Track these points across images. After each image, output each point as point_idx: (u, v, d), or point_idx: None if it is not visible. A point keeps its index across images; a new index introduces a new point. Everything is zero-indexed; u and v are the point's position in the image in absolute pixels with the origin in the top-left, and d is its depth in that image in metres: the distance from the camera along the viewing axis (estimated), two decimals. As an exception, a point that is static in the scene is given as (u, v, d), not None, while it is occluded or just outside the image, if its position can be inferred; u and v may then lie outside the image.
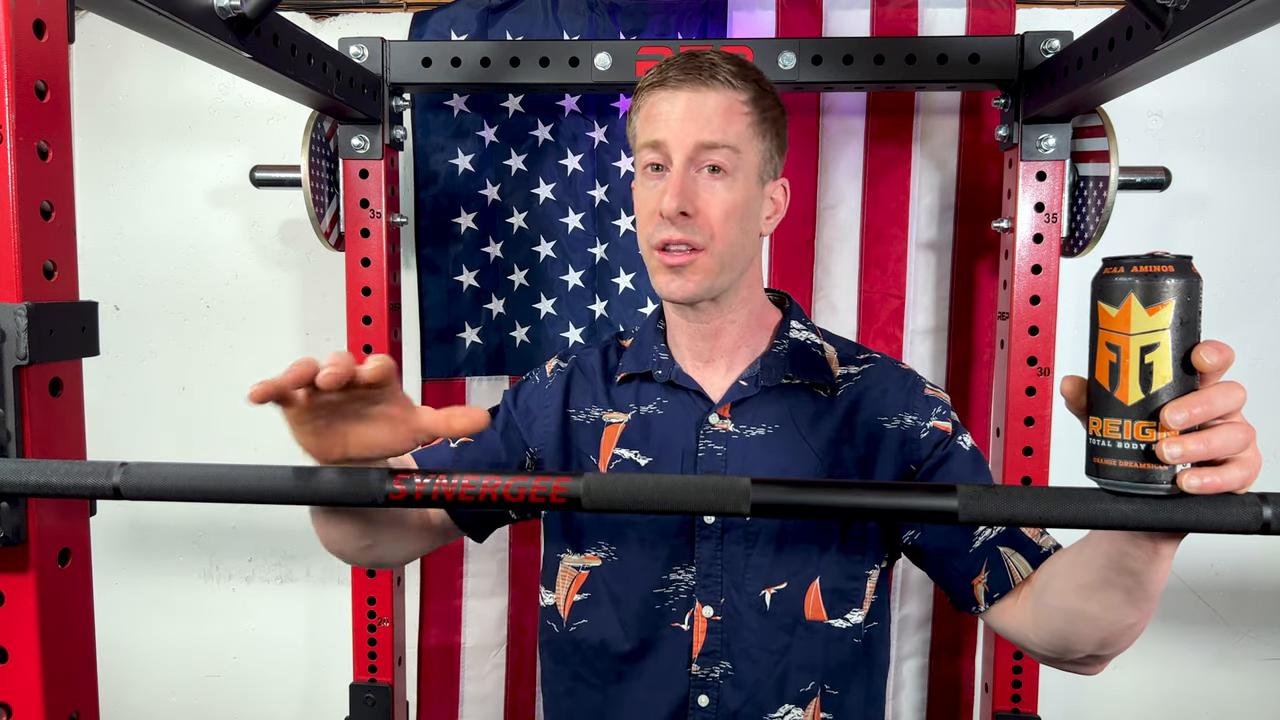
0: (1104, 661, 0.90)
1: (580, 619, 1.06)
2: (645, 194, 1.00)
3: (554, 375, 1.13)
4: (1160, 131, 1.65)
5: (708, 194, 0.97)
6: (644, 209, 1.01)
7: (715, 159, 0.96)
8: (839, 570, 1.00)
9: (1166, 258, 0.60)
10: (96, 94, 1.74)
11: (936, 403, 1.04)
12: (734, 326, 1.04)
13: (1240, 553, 1.71)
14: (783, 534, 1.00)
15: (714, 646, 1.00)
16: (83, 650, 0.75)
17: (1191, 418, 0.60)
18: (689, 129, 0.96)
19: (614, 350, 1.15)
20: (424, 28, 1.63)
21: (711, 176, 0.97)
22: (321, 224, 1.51)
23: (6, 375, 0.67)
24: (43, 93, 0.70)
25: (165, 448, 1.82)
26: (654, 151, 0.98)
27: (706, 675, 1.00)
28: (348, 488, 0.68)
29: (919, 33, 1.58)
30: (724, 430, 1.02)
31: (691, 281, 0.97)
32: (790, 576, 0.99)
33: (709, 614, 1.00)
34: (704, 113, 0.96)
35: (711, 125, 0.96)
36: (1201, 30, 0.88)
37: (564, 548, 1.08)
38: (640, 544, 1.03)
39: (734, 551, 1.00)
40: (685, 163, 0.96)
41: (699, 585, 1.00)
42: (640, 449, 1.05)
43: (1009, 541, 0.97)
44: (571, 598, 1.07)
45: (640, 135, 1.01)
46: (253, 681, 1.87)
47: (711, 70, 0.97)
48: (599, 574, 1.05)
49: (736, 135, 0.97)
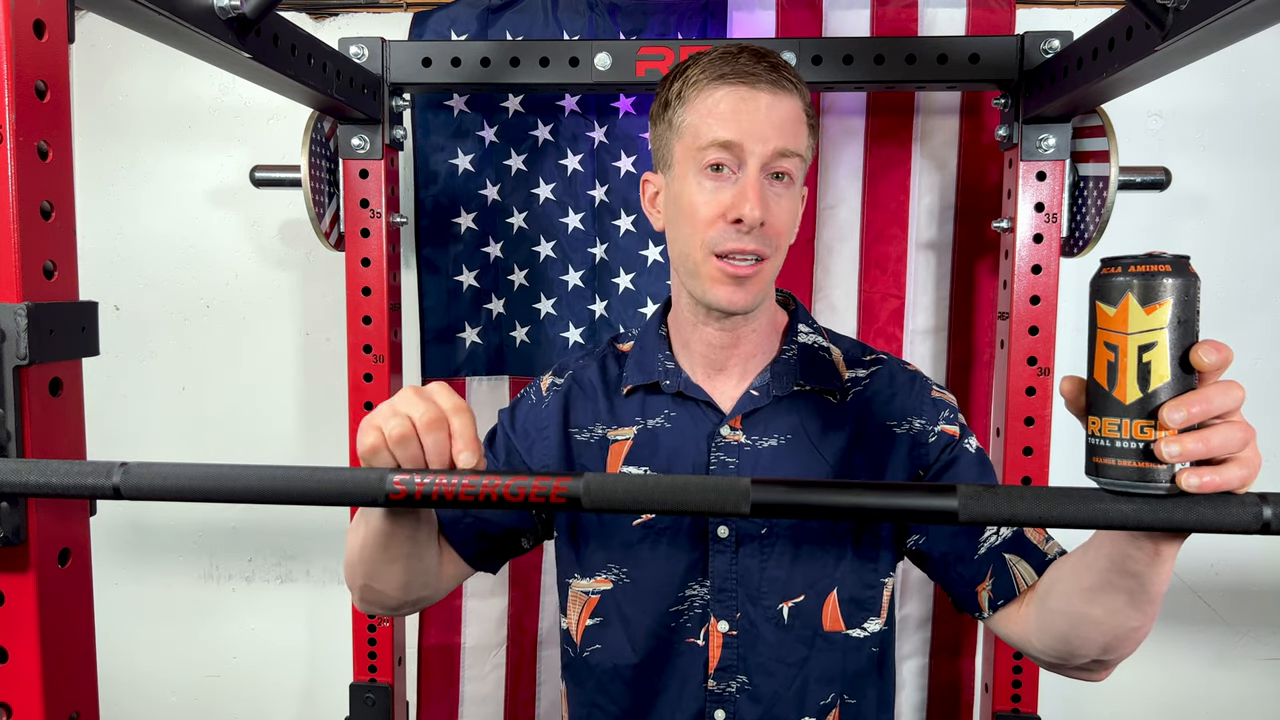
0: (1108, 668, 0.88)
1: (593, 644, 1.04)
2: (702, 195, 0.93)
3: (550, 394, 1.09)
4: (1160, 131, 1.65)
5: (776, 203, 0.93)
6: (701, 211, 0.93)
7: (785, 166, 0.93)
8: (856, 580, 0.99)
9: (1163, 257, 0.61)
10: (96, 94, 1.74)
11: (944, 405, 1.03)
12: (754, 334, 1.02)
13: (1240, 553, 1.71)
14: (797, 545, 0.98)
15: (730, 661, 0.99)
16: (83, 650, 0.75)
17: (1190, 416, 0.59)
18: (769, 133, 0.91)
19: (612, 359, 1.10)
20: (424, 28, 1.63)
21: (776, 184, 0.93)
22: (321, 224, 1.51)
23: (6, 375, 0.67)
24: (43, 93, 0.70)
25: (165, 448, 1.82)
26: (722, 151, 0.91)
27: (723, 690, 0.99)
28: (348, 487, 0.68)
29: (919, 33, 1.58)
30: (736, 442, 1.00)
31: (750, 292, 0.94)
32: (807, 589, 0.98)
33: (724, 629, 0.98)
34: (784, 118, 0.92)
35: (787, 132, 0.92)
36: (1201, 30, 0.88)
37: (571, 573, 1.06)
38: (653, 562, 1.01)
39: (749, 565, 0.98)
40: (760, 168, 0.91)
41: (714, 600, 0.99)
42: (649, 464, 1.02)
43: (1014, 548, 0.95)
44: (584, 623, 1.05)
45: (702, 132, 0.92)
46: (253, 681, 1.87)
47: (784, 71, 0.93)
48: (610, 597, 1.03)
49: (803, 144, 0.94)
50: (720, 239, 0.92)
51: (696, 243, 0.93)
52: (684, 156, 0.95)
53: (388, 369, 1.51)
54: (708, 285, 0.94)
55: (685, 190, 0.95)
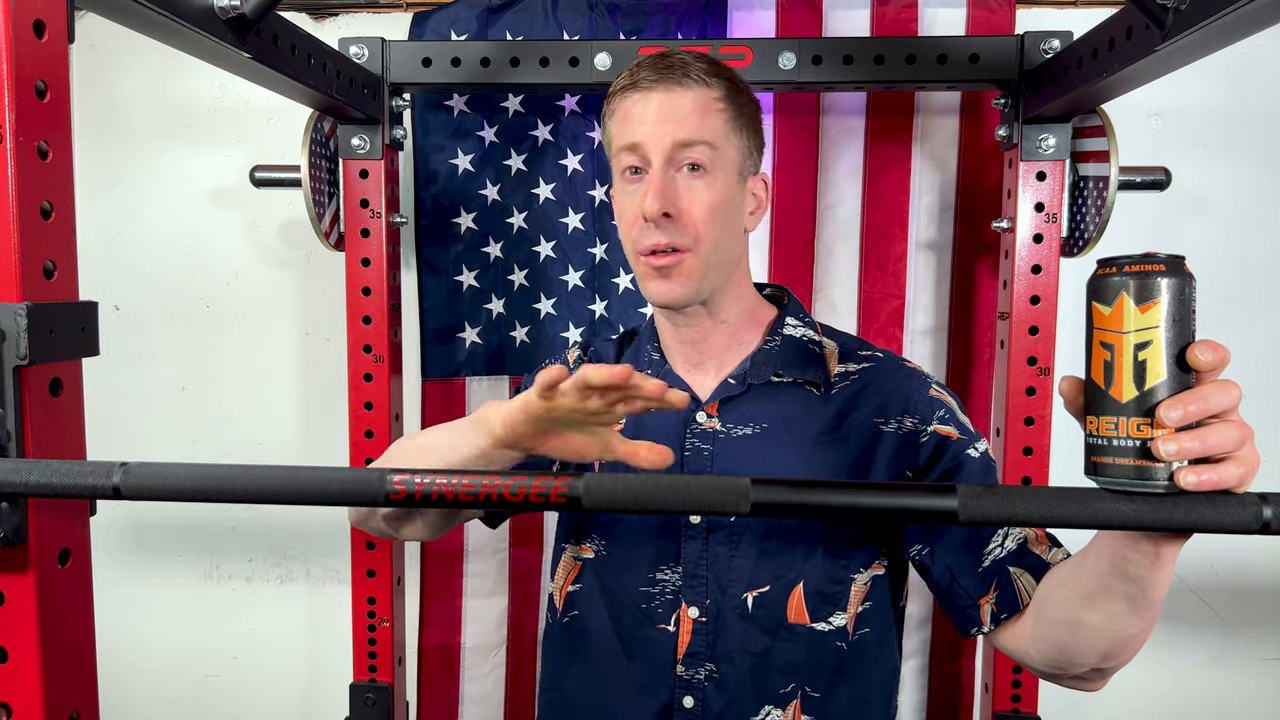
0: (1105, 676, 0.87)
1: (572, 609, 1.06)
2: (625, 199, 0.98)
3: (576, 366, 1.10)
4: (1160, 131, 1.65)
5: (689, 193, 0.95)
6: (626, 215, 0.99)
7: (694, 156, 0.95)
8: (823, 574, 0.99)
9: (1158, 257, 0.61)
10: (96, 94, 1.75)
11: (940, 405, 1.01)
12: (724, 328, 1.03)
13: (1240, 553, 1.71)
14: (766, 536, 0.99)
15: (699, 648, 0.99)
16: (83, 650, 0.75)
17: (1187, 415, 0.60)
18: (664, 129, 0.94)
19: (626, 344, 1.16)
20: (424, 28, 1.63)
21: (691, 175, 0.95)
22: (321, 224, 1.51)
23: (6, 375, 0.67)
24: (43, 93, 0.70)
25: (165, 448, 1.82)
26: (631, 154, 0.96)
27: (691, 677, 0.99)
28: (348, 487, 0.68)
29: (919, 33, 1.58)
30: (711, 429, 1.01)
31: (679, 284, 0.96)
32: (773, 580, 0.98)
33: (694, 615, 0.99)
34: (679, 111, 0.94)
35: (687, 123, 0.94)
36: (1201, 30, 0.88)
37: (568, 537, 1.08)
38: (627, 541, 1.03)
39: (718, 553, 0.99)
40: (664, 163, 0.94)
41: (685, 585, 1.00)
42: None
43: (1019, 562, 0.93)
44: (566, 588, 1.07)
45: (616, 139, 0.99)
46: (253, 681, 1.87)
47: (683, 69, 0.96)
48: (590, 566, 1.06)
49: (713, 131, 0.95)
50: (640, 237, 0.96)
51: (629, 245, 0.99)
52: (614, 165, 1.01)
53: (388, 369, 1.51)
54: (644, 283, 0.99)
55: (618, 196, 1.01)
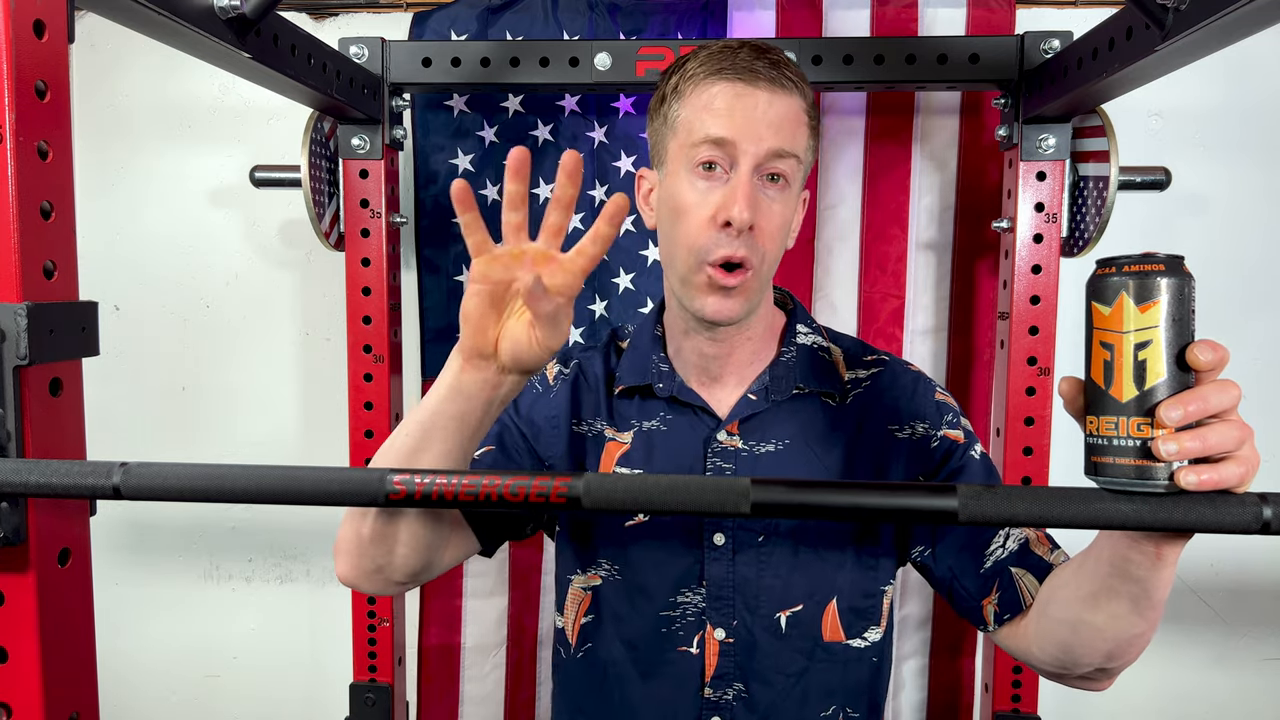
0: (1111, 676, 0.87)
1: (587, 643, 1.02)
2: (694, 195, 0.89)
3: (557, 383, 1.06)
4: (1160, 131, 1.65)
5: (768, 206, 0.88)
6: (692, 214, 0.89)
7: (780, 167, 0.89)
8: (855, 589, 0.97)
9: (1158, 257, 0.61)
10: (96, 94, 1.74)
11: (947, 409, 1.01)
12: (749, 343, 0.99)
13: (1240, 553, 1.70)
14: (795, 554, 0.96)
15: (727, 669, 0.97)
16: (83, 650, 0.75)
17: (1187, 414, 0.59)
18: (765, 132, 0.87)
19: (614, 352, 1.07)
20: (424, 28, 1.63)
21: (770, 186, 0.89)
22: (321, 224, 1.51)
23: (6, 375, 0.67)
24: (43, 93, 0.70)
25: (165, 448, 1.82)
26: (715, 149, 0.88)
27: (719, 698, 0.97)
28: (348, 487, 0.68)
29: (919, 33, 1.58)
30: (733, 448, 0.97)
31: (739, 303, 0.90)
32: (806, 598, 0.96)
33: (720, 636, 0.97)
34: (781, 117, 0.88)
35: (784, 131, 0.88)
36: (1201, 30, 0.88)
37: (573, 568, 1.04)
38: (645, 564, 0.99)
39: (746, 573, 0.96)
40: (753, 168, 0.87)
41: (709, 607, 0.97)
42: (644, 468, 1.00)
43: (1021, 562, 0.92)
44: (579, 622, 1.03)
45: (695, 127, 0.89)
46: (253, 681, 1.87)
47: (785, 69, 0.89)
48: (601, 593, 1.01)
49: (801, 145, 0.90)
50: (713, 245, 0.88)
51: (689, 247, 0.90)
52: (677, 153, 0.91)
53: (387, 369, 1.51)
54: (695, 294, 0.91)
55: (678, 189, 0.91)
